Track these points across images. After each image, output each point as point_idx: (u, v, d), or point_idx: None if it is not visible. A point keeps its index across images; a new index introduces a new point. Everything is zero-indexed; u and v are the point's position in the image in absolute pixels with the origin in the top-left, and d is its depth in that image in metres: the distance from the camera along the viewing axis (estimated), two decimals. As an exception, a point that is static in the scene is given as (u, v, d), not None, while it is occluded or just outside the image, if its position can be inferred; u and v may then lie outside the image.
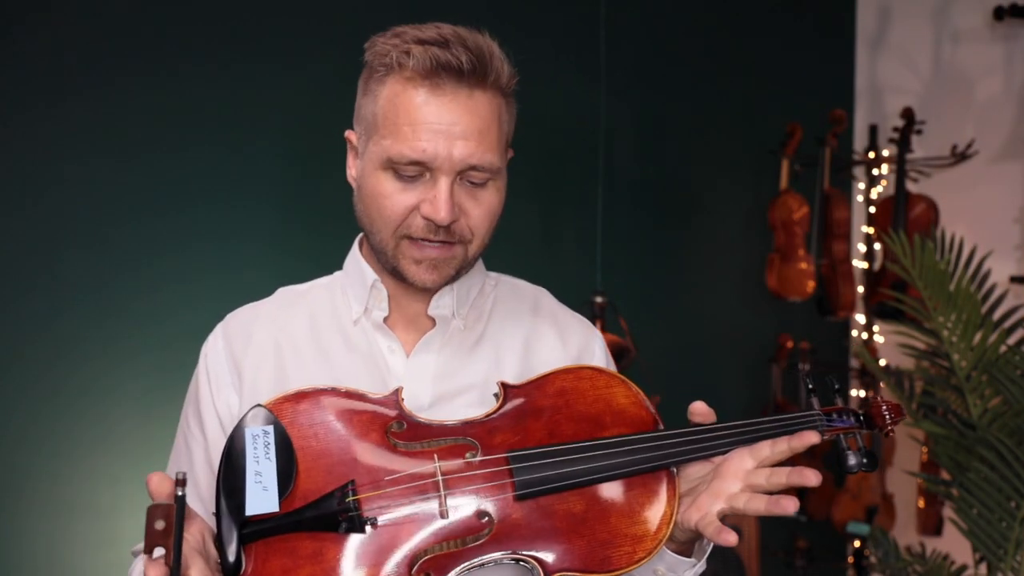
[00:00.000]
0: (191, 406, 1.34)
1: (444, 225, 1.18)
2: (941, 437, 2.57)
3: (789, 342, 3.63)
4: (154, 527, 0.97)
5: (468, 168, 1.18)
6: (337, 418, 1.15)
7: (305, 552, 1.07)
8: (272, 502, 1.07)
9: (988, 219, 3.57)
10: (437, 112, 1.16)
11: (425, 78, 1.16)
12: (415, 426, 1.16)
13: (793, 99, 3.79)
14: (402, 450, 1.14)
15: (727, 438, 1.20)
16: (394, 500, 1.11)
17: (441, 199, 1.17)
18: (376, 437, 1.14)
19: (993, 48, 3.66)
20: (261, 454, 1.09)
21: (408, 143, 1.17)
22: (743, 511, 1.15)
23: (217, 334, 1.34)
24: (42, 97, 2.53)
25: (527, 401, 1.20)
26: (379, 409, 1.16)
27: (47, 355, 2.53)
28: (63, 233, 2.56)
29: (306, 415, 1.14)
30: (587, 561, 1.12)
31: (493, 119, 1.20)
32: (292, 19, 2.82)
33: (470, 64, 1.16)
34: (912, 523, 3.58)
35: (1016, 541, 2.38)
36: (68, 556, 2.53)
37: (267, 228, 2.78)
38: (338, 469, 1.11)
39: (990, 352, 2.48)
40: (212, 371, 1.31)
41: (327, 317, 1.33)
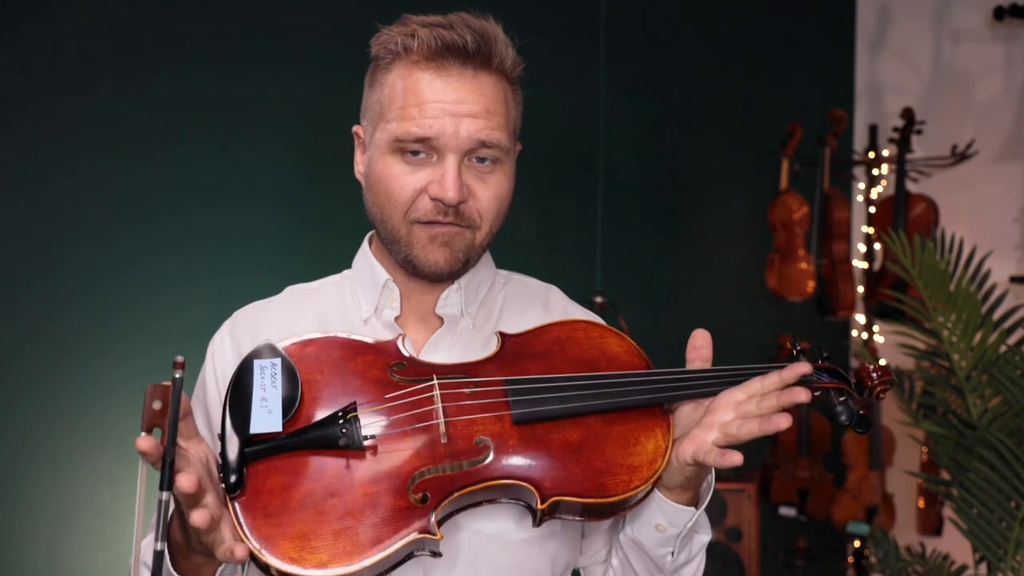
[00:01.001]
0: (199, 406, 1.33)
1: (453, 204, 1.19)
2: (941, 437, 2.57)
3: (789, 342, 3.62)
4: (152, 406, 1.00)
5: (476, 146, 1.19)
6: (341, 358, 1.18)
7: (305, 470, 1.09)
8: (276, 423, 1.10)
9: (988, 219, 3.57)
10: (443, 91, 1.18)
11: (431, 60, 1.18)
12: (416, 364, 1.19)
13: (793, 99, 3.79)
14: (403, 384, 1.16)
15: (718, 380, 1.21)
16: (392, 417, 1.13)
17: (449, 177, 1.18)
18: (378, 373, 1.17)
19: (993, 48, 3.66)
20: (268, 383, 1.12)
21: (415, 121, 1.17)
22: (736, 437, 1.15)
23: (224, 332, 1.34)
24: (42, 97, 2.53)
25: (524, 346, 1.23)
26: (381, 350, 1.19)
27: (47, 355, 2.53)
28: (63, 233, 2.56)
29: (312, 356, 1.17)
30: (583, 487, 1.13)
31: (499, 100, 1.21)
32: (297, 19, 2.82)
33: (475, 44, 1.18)
34: (912, 523, 3.58)
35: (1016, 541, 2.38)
36: (68, 556, 2.53)
37: (269, 228, 2.78)
38: (340, 399, 1.14)
39: (990, 352, 2.48)
40: (220, 370, 1.30)
41: (336, 316, 1.32)
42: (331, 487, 1.09)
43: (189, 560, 1.11)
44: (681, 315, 3.63)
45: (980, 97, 3.71)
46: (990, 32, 3.66)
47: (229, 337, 1.32)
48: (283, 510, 1.07)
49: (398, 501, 1.09)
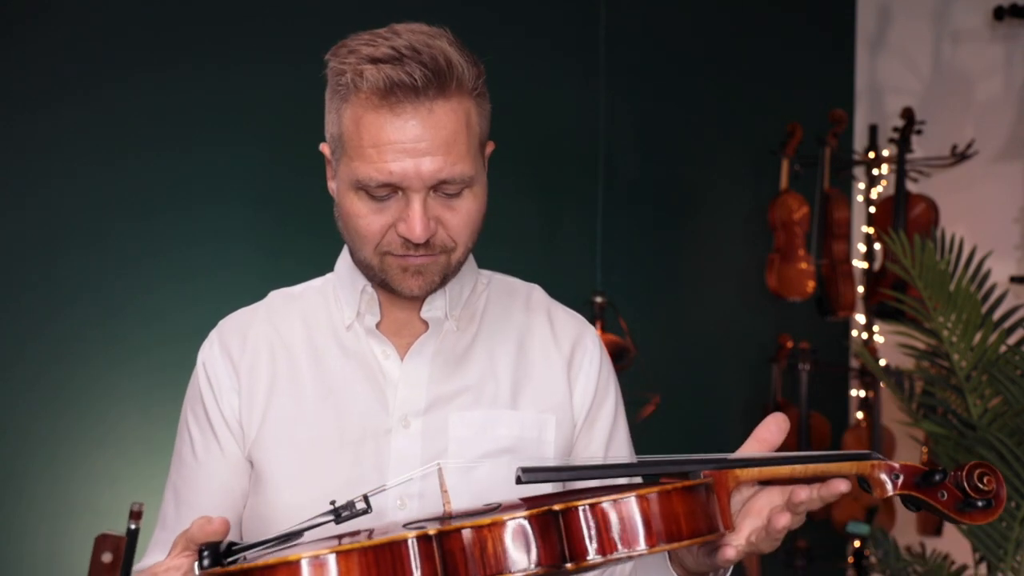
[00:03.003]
0: (194, 418, 1.32)
1: (421, 243, 1.17)
2: (941, 437, 2.57)
3: (789, 342, 3.63)
4: (100, 559, 0.87)
5: (438, 183, 1.16)
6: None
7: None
8: None
9: (988, 219, 3.57)
10: (399, 131, 1.14)
11: (383, 99, 1.14)
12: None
13: (793, 99, 3.79)
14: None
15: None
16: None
17: (415, 218, 1.15)
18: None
19: (993, 48, 3.66)
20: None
21: (374, 165, 1.15)
22: (757, 548, 1.10)
23: (212, 339, 1.33)
24: (42, 97, 2.53)
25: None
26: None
27: (47, 355, 2.53)
28: (63, 233, 2.56)
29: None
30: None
31: (460, 127, 1.16)
32: (288, 21, 2.82)
33: (424, 79, 1.13)
34: (912, 523, 3.58)
35: (1016, 541, 2.38)
36: (68, 556, 2.53)
37: (267, 228, 2.78)
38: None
39: (990, 352, 2.48)
40: (213, 377, 1.30)
41: (321, 321, 1.32)
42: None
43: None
44: (681, 315, 3.63)
45: (980, 97, 3.70)
46: (990, 32, 3.66)
47: (219, 344, 1.32)
48: None
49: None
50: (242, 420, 1.28)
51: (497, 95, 1.28)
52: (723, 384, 3.77)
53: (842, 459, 1.11)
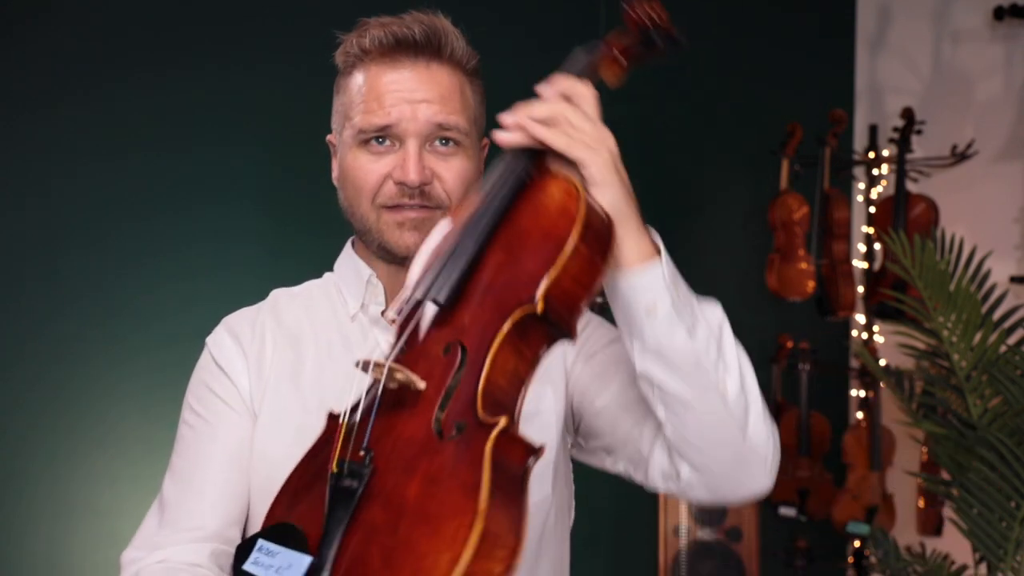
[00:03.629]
0: (199, 401, 1.31)
1: (415, 186, 1.22)
2: (941, 437, 2.57)
3: (789, 342, 3.62)
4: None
5: (435, 129, 1.23)
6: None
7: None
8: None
9: (988, 219, 3.56)
10: (398, 81, 1.24)
11: (384, 55, 1.24)
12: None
13: (793, 99, 3.79)
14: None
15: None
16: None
17: (411, 160, 1.22)
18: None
19: (993, 48, 3.66)
20: (266, 563, 1.01)
21: (375, 113, 1.23)
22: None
23: (219, 330, 1.35)
24: (42, 97, 2.53)
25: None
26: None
27: (47, 355, 2.53)
28: (63, 233, 2.56)
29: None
30: (536, 267, 1.03)
31: (454, 89, 1.26)
32: (289, 21, 2.82)
33: (423, 36, 1.24)
34: (912, 523, 3.58)
35: (1016, 541, 2.38)
36: (68, 556, 2.53)
37: (268, 228, 2.78)
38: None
39: (990, 352, 2.48)
40: (224, 360, 1.30)
41: (325, 314, 1.34)
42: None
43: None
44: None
45: (980, 97, 3.70)
46: (990, 32, 3.66)
47: (227, 332, 1.33)
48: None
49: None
50: (252, 400, 1.29)
51: (497, 95, 1.29)
52: (723, 384, 3.76)
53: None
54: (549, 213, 1.07)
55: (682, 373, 1.12)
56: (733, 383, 1.15)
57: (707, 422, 1.13)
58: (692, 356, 1.12)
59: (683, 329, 1.12)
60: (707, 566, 3.39)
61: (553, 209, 1.07)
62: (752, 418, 1.15)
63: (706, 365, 1.13)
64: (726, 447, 1.14)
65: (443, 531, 0.88)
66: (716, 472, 1.15)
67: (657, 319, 1.12)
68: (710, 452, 1.14)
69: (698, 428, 1.13)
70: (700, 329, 1.15)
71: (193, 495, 1.26)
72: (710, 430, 1.13)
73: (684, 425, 1.14)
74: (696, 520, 3.42)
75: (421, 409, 1.00)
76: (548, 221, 1.07)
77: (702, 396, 1.12)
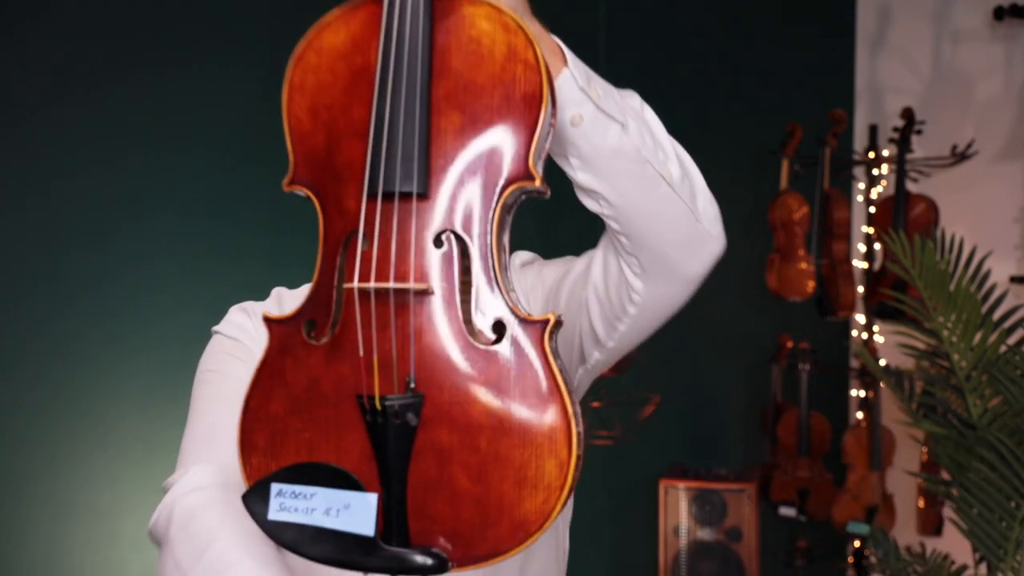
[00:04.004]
0: (217, 358, 1.25)
1: None
2: (941, 437, 2.57)
3: (789, 342, 3.63)
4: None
5: None
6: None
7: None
8: (368, 522, 0.89)
9: (988, 219, 3.57)
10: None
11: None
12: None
13: (793, 99, 3.79)
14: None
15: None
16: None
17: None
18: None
19: (993, 48, 3.66)
20: (301, 507, 0.91)
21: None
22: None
23: (230, 313, 1.32)
24: (42, 97, 2.53)
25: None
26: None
27: (47, 355, 2.53)
28: (63, 233, 2.56)
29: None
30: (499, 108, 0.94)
31: None
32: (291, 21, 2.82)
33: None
34: (912, 523, 3.58)
35: (1016, 541, 2.38)
36: (68, 556, 2.53)
37: (269, 229, 2.78)
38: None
39: (990, 352, 2.48)
40: (238, 328, 1.27)
41: None
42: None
43: None
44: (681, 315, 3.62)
45: (980, 97, 3.70)
46: (990, 32, 3.66)
47: (237, 312, 1.31)
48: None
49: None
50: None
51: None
52: (723, 384, 3.77)
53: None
54: (490, 55, 0.94)
55: (626, 174, 1.06)
56: (675, 168, 1.10)
57: (661, 216, 1.08)
58: (632, 151, 1.06)
59: (615, 127, 1.05)
60: (707, 566, 3.39)
61: (490, 46, 0.94)
62: (700, 200, 1.12)
63: (646, 156, 1.06)
64: (681, 234, 1.10)
65: (534, 438, 0.88)
66: (671, 262, 1.11)
67: (585, 126, 1.04)
68: (668, 251, 1.10)
69: (655, 227, 1.08)
70: (631, 121, 1.07)
71: (208, 438, 1.17)
72: (666, 224, 1.09)
73: (639, 229, 1.08)
74: (696, 520, 3.42)
75: (442, 317, 0.92)
76: (493, 66, 0.94)
77: (650, 191, 1.07)
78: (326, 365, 0.93)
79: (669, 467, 3.53)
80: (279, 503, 0.90)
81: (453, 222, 0.93)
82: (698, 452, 3.69)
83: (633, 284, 1.14)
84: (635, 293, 1.14)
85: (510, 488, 0.88)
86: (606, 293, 1.18)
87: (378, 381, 0.91)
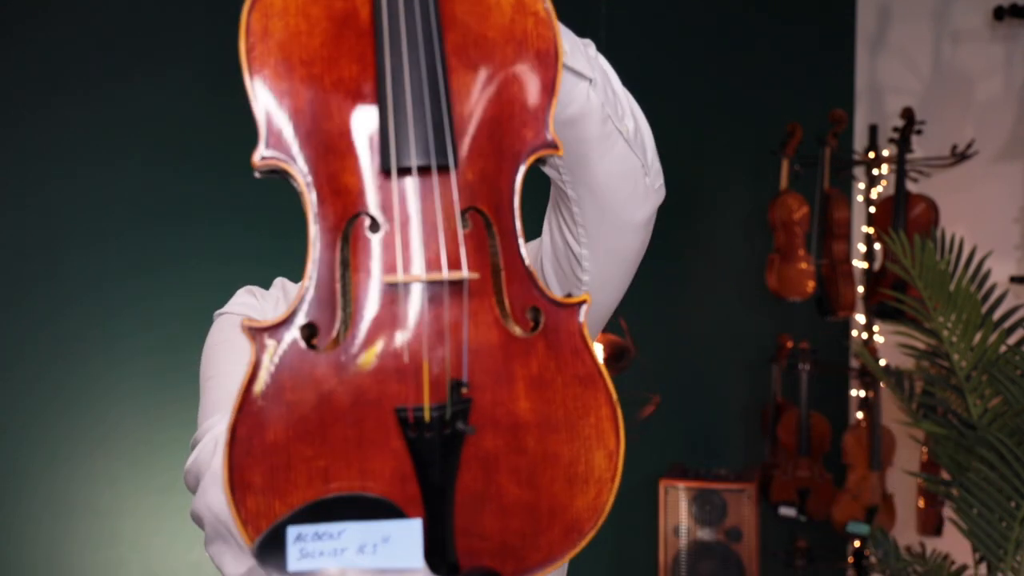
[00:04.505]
0: (228, 333, 1.24)
1: None
2: (941, 437, 2.57)
3: (789, 342, 3.63)
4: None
5: None
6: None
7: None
8: (415, 552, 0.76)
9: (988, 219, 3.57)
10: None
11: None
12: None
13: (793, 99, 3.79)
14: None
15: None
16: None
17: None
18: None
19: (993, 48, 3.66)
20: (328, 549, 0.75)
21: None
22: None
23: (238, 294, 1.33)
24: (42, 97, 2.53)
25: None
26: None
27: (47, 355, 2.53)
28: (63, 234, 2.56)
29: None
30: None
31: None
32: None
33: None
34: (912, 523, 3.58)
35: (1016, 541, 2.38)
36: (68, 556, 2.53)
37: (269, 230, 2.78)
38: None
39: (990, 352, 2.48)
40: (245, 307, 1.28)
41: None
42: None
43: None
44: (681, 315, 3.63)
45: (980, 97, 3.70)
46: (990, 32, 3.66)
47: (244, 293, 1.33)
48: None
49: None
50: None
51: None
52: (723, 384, 3.77)
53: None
54: (496, 5, 0.83)
55: (587, 133, 1.00)
56: (630, 122, 1.05)
57: (613, 174, 1.04)
58: (597, 109, 0.99)
59: (584, 84, 0.98)
60: (707, 566, 3.39)
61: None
62: (650, 154, 1.08)
63: (608, 112, 1.01)
64: (629, 190, 1.06)
65: (582, 431, 0.81)
66: (618, 221, 1.08)
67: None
68: (616, 208, 1.06)
69: (609, 184, 1.05)
70: (597, 75, 0.99)
71: (228, 397, 1.14)
72: (618, 180, 1.05)
73: (592, 188, 1.05)
74: (696, 520, 3.42)
75: (477, 305, 0.81)
76: (502, 18, 0.83)
77: (608, 149, 1.02)
78: (338, 376, 0.78)
79: (669, 467, 3.53)
80: (299, 549, 0.75)
81: (477, 198, 0.81)
82: (698, 452, 3.69)
83: (581, 254, 1.13)
84: (584, 260, 1.13)
85: (561, 488, 0.81)
86: (558, 264, 1.18)
87: (428, 389, 0.79)
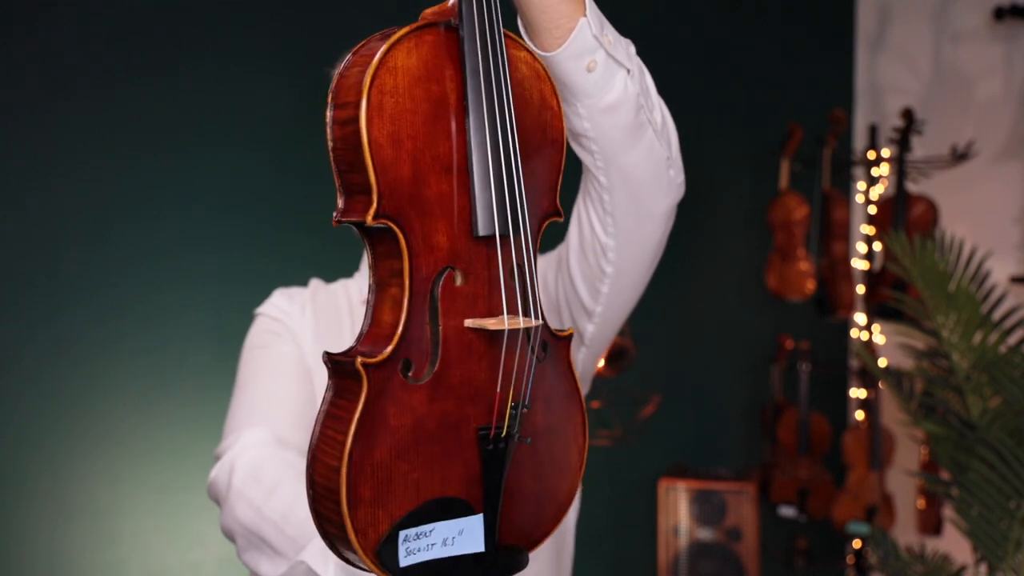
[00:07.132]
0: (264, 338, 1.34)
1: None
2: (941, 437, 2.57)
3: (789, 342, 3.63)
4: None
5: None
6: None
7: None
8: (479, 539, 0.97)
9: (988, 219, 3.57)
10: None
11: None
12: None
13: (793, 99, 3.79)
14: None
15: None
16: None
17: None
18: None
19: (993, 48, 3.66)
20: (423, 545, 0.94)
21: None
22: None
23: (274, 295, 1.40)
24: (42, 97, 2.53)
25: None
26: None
27: (47, 355, 2.53)
28: (63, 233, 2.55)
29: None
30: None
31: None
32: (293, 22, 2.82)
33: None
34: (912, 523, 3.58)
35: (1016, 541, 2.38)
36: (68, 556, 2.53)
37: (270, 230, 2.78)
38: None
39: (990, 352, 2.48)
40: (282, 312, 1.35)
41: (356, 300, 1.41)
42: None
43: None
44: (681, 315, 3.63)
45: (980, 97, 3.71)
46: (990, 32, 3.66)
47: (279, 296, 1.38)
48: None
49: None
50: (309, 356, 1.34)
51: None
52: (723, 384, 3.77)
53: None
54: (531, 98, 1.00)
55: (623, 121, 1.08)
56: (658, 115, 1.14)
57: (643, 165, 1.12)
58: (633, 99, 1.09)
59: (622, 73, 1.08)
60: (707, 566, 3.39)
61: (530, 90, 1.00)
62: (674, 148, 1.16)
63: (641, 102, 1.10)
64: (657, 181, 1.14)
65: (568, 433, 1.03)
66: (645, 211, 1.17)
67: (597, 72, 1.06)
68: (644, 198, 1.15)
69: (637, 174, 1.12)
70: (634, 67, 1.10)
71: (256, 406, 1.29)
72: (647, 171, 1.12)
73: (623, 176, 1.12)
74: (696, 520, 3.42)
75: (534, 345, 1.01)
76: (532, 109, 1.00)
77: (639, 138, 1.11)
78: (429, 403, 0.94)
79: (669, 467, 3.53)
80: (406, 549, 0.92)
81: (518, 254, 0.98)
82: (698, 452, 3.69)
83: (607, 243, 1.20)
84: (609, 251, 1.21)
85: (554, 478, 1.02)
86: (583, 257, 1.24)
87: (502, 411, 0.98)
